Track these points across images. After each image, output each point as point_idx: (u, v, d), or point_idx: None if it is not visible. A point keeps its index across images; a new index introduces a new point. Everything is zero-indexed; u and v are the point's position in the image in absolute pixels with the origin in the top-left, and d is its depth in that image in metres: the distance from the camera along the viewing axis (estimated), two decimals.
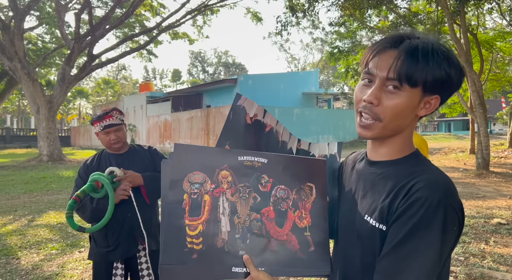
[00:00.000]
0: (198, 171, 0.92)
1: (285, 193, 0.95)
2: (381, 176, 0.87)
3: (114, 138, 2.18)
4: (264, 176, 0.95)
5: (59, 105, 15.48)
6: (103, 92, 46.37)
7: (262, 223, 0.92)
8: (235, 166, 0.94)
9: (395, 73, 0.79)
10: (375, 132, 0.84)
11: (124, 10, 15.70)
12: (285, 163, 0.97)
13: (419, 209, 0.74)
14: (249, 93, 20.73)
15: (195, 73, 62.38)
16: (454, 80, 0.80)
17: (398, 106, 0.80)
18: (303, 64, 56.16)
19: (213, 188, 0.92)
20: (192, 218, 0.89)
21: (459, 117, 31.52)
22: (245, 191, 0.93)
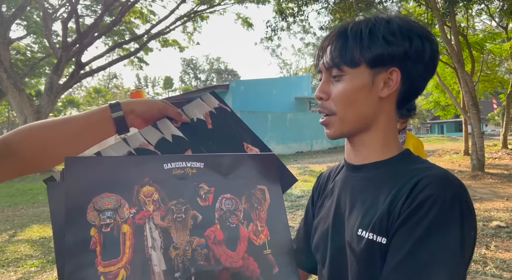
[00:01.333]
0: (107, 192, 0.67)
1: (233, 203, 0.75)
2: (370, 180, 0.74)
3: None
4: (202, 185, 0.73)
5: (47, 115, 15.20)
6: (94, 101, 46.02)
7: (209, 249, 0.70)
8: (162, 177, 0.71)
9: (329, 60, 0.73)
10: (336, 129, 0.75)
11: (114, 18, 15.53)
12: (225, 165, 0.77)
13: (430, 209, 0.61)
14: (242, 99, 20.61)
15: (187, 81, 62.31)
16: (409, 48, 0.70)
17: (346, 92, 0.72)
18: (296, 69, 56.39)
19: (134, 213, 0.67)
20: (108, 262, 0.63)
21: (451, 119, 31.73)
22: (180, 209, 0.70)
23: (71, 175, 0.66)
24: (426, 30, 0.73)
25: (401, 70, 0.71)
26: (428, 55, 0.71)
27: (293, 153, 19.40)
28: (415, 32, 0.71)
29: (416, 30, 0.72)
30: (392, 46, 0.70)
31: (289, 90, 23.17)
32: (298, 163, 15.04)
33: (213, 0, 17.80)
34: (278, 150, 18.44)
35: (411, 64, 0.71)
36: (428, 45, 0.71)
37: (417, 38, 0.71)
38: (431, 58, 0.72)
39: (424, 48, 0.71)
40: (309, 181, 10.07)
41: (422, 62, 0.71)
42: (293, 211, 6.58)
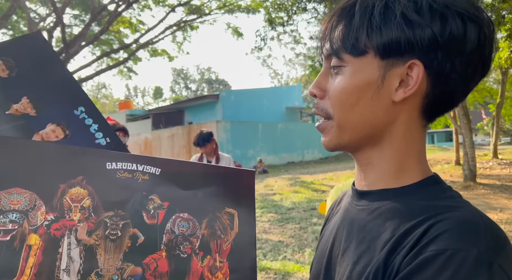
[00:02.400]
0: (19, 187, 0.50)
1: (189, 226, 0.58)
2: (374, 215, 0.55)
3: None
4: (153, 198, 0.57)
5: None
6: None
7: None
8: (100, 179, 0.54)
9: (329, 45, 0.54)
10: (332, 137, 0.57)
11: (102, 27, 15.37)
12: (191, 174, 0.59)
13: (440, 272, 0.41)
14: (232, 109, 20.47)
15: (178, 90, 62.19)
16: (441, 33, 0.49)
17: (345, 89, 0.53)
18: (286, 79, 56.66)
19: (51, 220, 0.51)
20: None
21: (442, 129, 31.99)
22: (117, 225, 0.54)
23: None
24: (474, 6, 0.51)
25: (425, 64, 0.50)
26: (473, 43, 0.50)
27: (284, 163, 19.21)
28: (455, 8, 0.50)
29: (457, 4, 0.50)
30: (414, 29, 0.49)
31: (280, 100, 23.12)
32: (289, 173, 14.84)
33: (202, 10, 17.76)
34: (269, 160, 18.25)
35: (442, 56, 0.50)
36: (475, 28, 0.50)
37: (456, 18, 0.49)
38: (479, 48, 0.51)
39: (466, 33, 0.50)
40: (300, 192, 9.86)
41: (463, 54, 0.50)
42: (282, 224, 6.35)
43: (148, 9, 18.11)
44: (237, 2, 17.34)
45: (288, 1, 11.08)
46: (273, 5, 11.60)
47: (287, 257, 4.57)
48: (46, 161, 0.53)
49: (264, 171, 15.90)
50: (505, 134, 37.53)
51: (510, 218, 6.03)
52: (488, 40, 0.51)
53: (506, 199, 7.99)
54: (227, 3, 17.50)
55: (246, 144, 17.99)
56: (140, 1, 16.94)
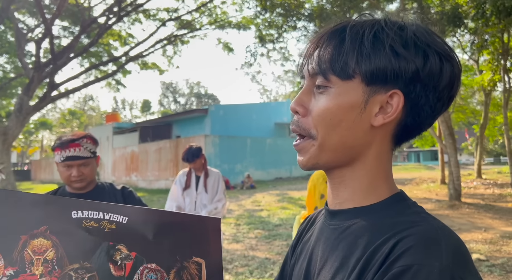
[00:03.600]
0: None
1: (157, 277, 0.56)
2: (346, 233, 0.57)
3: (76, 175, 1.70)
4: (120, 248, 0.55)
5: (15, 138, 14.52)
6: (68, 124, 44.88)
7: None
8: (65, 229, 0.52)
9: (316, 64, 0.56)
10: (311, 157, 0.58)
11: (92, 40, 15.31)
12: (158, 223, 0.57)
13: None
14: (221, 123, 20.46)
15: (167, 104, 62.04)
16: (422, 67, 0.53)
17: (330, 109, 0.55)
18: (275, 95, 57.16)
19: (10, 275, 0.48)
20: None
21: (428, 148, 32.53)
22: (82, 278, 0.51)
23: None
24: (449, 47, 0.56)
25: (405, 94, 0.54)
26: (446, 80, 0.55)
27: (272, 178, 19.16)
28: (435, 47, 0.54)
29: (436, 44, 0.55)
30: (400, 61, 0.53)
31: (268, 115, 23.23)
32: (277, 189, 14.78)
33: (193, 25, 17.90)
34: (257, 175, 18.19)
35: (420, 89, 0.54)
36: (449, 67, 0.55)
37: (435, 56, 0.54)
38: (449, 85, 0.56)
39: (442, 70, 0.54)
40: (287, 208, 9.80)
41: (437, 88, 0.55)
42: (270, 241, 6.26)
43: (138, 23, 18.18)
44: (228, 19, 17.56)
45: (279, 19, 11.27)
46: (263, 23, 11.78)
47: (274, 274, 4.49)
48: (6, 209, 0.50)
49: (252, 186, 15.80)
50: (489, 154, 38.32)
51: (494, 238, 6.08)
52: (457, 79, 0.56)
53: (490, 218, 8.08)
54: (218, 19, 17.70)
55: (234, 158, 17.92)
56: (131, 15, 17.01)
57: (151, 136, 22.30)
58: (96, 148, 1.80)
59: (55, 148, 1.74)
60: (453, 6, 9.62)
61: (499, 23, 9.08)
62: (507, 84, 11.36)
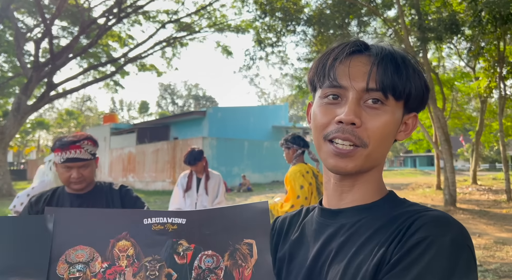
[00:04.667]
0: (82, 244, 0.67)
1: (214, 260, 0.69)
2: (356, 227, 0.64)
3: (75, 177, 1.70)
4: (182, 242, 0.69)
5: (12, 137, 14.49)
6: (65, 124, 44.71)
7: None
8: (139, 232, 0.69)
9: (377, 83, 0.62)
10: (358, 163, 0.63)
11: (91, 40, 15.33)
12: (210, 219, 0.71)
13: (424, 254, 0.52)
14: (219, 125, 20.48)
15: (164, 106, 61.98)
16: (426, 96, 0.67)
17: (387, 126, 0.63)
18: (273, 98, 57.25)
19: (106, 267, 0.66)
20: None
21: (424, 153, 32.67)
22: (154, 267, 0.67)
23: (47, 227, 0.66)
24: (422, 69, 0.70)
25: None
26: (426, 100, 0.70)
27: (269, 181, 19.18)
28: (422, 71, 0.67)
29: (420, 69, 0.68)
30: (425, 92, 0.66)
31: (266, 118, 23.28)
32: (273, 192, 14.80)
33: (192, 28, 17.97)
34: (254, 178, 18.20)
35: (419, 110, 0.69)
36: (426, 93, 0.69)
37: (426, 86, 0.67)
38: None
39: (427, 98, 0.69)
40: None
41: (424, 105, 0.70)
42: None
43: (138, 24, 18.23)
44: (227, 22, 17.63)
45: (278, 23, 11.35)
46: (262, 26, 11.85)
47: None
48: (101, 223, 0.69)
49: (248, 189, 15.82)
50: (484, 160, 38.52)
51: (488, 243, 6.13)
52: None
53: (484, 224, 8.14)
54: (217, 22, 17.77)
55: (231, 161, 17.94)
56: (130, 16, 17.05)
57: (149, 137, 22.28)
58: (96, 149, 1.80)
59: (55, 149, 1.72)
60: (450, 14, 9.73)
61: (495, 31, 9.19)
62: (503, 91, 11.46)
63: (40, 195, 1.82)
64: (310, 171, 3.03)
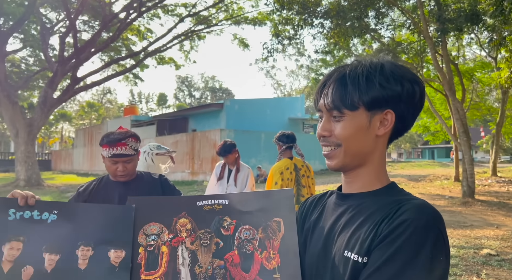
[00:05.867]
0: (154, 221, 0.91)
1: (250, 233, 0.91)
2: (359, 208, 0.83)
3: (121, 170, 1.90)
4: (226, 218, 0.92)
5: (39, 129, 15.07)
6: (87, 116, 45.73)
7: (226, 269, 0.88)
8: (194, 212, 0.92)
9: (330, 103, 0.81)
10: (339, 161, 0.83)
11: (111, 34, 15.69)
12: (247, 201, 0.93)
13: (404, 231, 0.70)
14: (236, 117, 20.69)
15: (182, 98, 62.52)
16: (401, 92, 0.80)
17: (347, 129, 0.81)
18: (289, 90, 57.00)
19: (171, 237, 0.90)
20: (148, 272, 0.87)
21: (442, 145, 32.15)
22: (206, 237, 0.90)
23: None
24: (414, 74, 0.83)
25: (394, 111, 0.81)
26: (417, 96, 0.82)
27: None
28: (406, 77, 0.81)
29: (406, 75, 0.82)
30: (387, 91, 0.80)
31: (282, 110, 23.35)
32: None
33: (210, 21, 18.12)
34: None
35: (403, 106, 0.81)
36: (418, 88, 0.82)
37: (408, 83, 0.81)
38: (420, 99, 0.83)
39: (414, 91, 0.81)
40: None
41: (413, 103, 0.82)
42: None
43: (157, 18, 18.50)
44: (244, 14, 17.71)
45: (295, 16, 11.39)
46: (280, 19, 11.90)
47: None
48: (166, 205, 0.94)
49: (265, 179, 16.04)
50: (505, 152, 37.60)
51: (506, 235, 6.18)
52: (424, 93, 0.83)
53: (503, 216, 8.13)
54: (234, 15, 17.88)
55: (248, 152, 18.16)
56: (150, 10, 17.31)
57: (168, 129, 22.67)
58: (139, 145, 1.99)
59: (104, 145, 1.92)
60: (471, 3, 9.59)
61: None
62: None
63: (87, 185, 2.03)
64: (291, 166, 3.53)
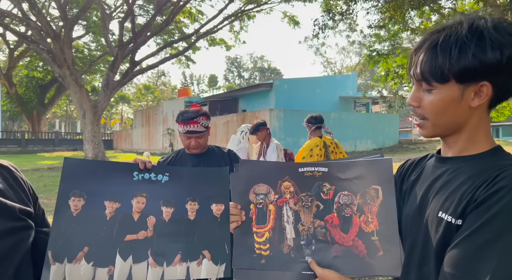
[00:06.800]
0: (262, 183, 1.01)
1: (349, 198, 0.97)
2: (457, 172, 0.81)
3: (194, 145, 2.19)
4: (325, 184, 0.99)
5: (103, 110, 16.20)
6: (143, 98, 48.03)
7: (327, 229, 0.96)
8: (296, 176, 1.01)
9: (419, 75, 0.79)
10: (428, 131, 0.84)
11: (165, 17, 16.23)
12: (346, 169, 0.99)
13: (502, 198, 0.68)
14: (285, 97, 20.68)
15: (231, 79, 63.24)
16: (500, 61, 0.72)
17: (436, 104, 0.79)
18: (340, 67, 55.38)
19: (277, 198, 1.00)
20: (259, 226, 0.98)
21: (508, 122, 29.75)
22: (307, 199, 0.99)
23: (242, 170, 1.04)
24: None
25: (492, 83, 0.75)
26: None
27: None
28: (507, 43, 0.73)
29: (509, 40, 0.73)
30: (482, 63, 0.73)
31: (333, 89, 22.88)
32: None
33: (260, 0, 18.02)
34: None
35: (503, 76, 0.74)
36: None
37: (509, 48, 0.72)
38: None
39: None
40: None
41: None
42: None
43: None
44: None
45: None
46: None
47: None
48: (271, 169, 1.03)
49: None
50: None
51: None
52: None
53: None
54: None
55: (298, 132, 18.16)
56: None
57: (219, 110, 23.22)
58: (209, 122, 2.24)
59: (179, 122, 2.20)
60: None
61: None
62: None
63: (166, 157, 2.35)
64: (320, 143, 3.98)
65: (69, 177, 1.01)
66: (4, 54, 26.58)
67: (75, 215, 0.98)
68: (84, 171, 1.03)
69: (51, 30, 14.95)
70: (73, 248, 0.95)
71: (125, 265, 0.97)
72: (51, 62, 14.91)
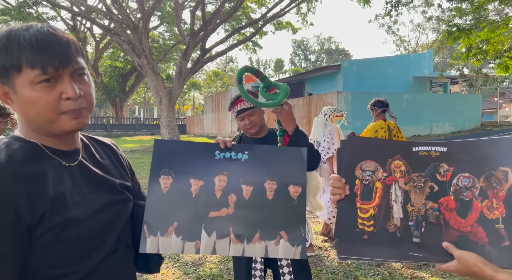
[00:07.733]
0: (370, 159, 0.98)
1: (470, 181, 0.89)
2: None
3: (248, 124, 2.10)
4: (443, 165, 0.93)
5: (177, 97, 17.17)
6: (213, 84, 49.71)
7: (440, 212, 0.90)
8: (409, 156, 0.96)
9: None
10: None
11: (232, 4, 16.55)
12: (469, 149, 0.91)
13: None
14: (354, 79, 20.04)
15: (297, 62, 62.45)
16: None
17: None
18: (415, 46, 51.68)
19: (385, 176, 0.96)
20: (364, 202, 0.95)
21: None
22: (420, 180, 0.93)
23: (350, 146, 1.01)
24: None
25: None
26: None
27: (409, 136, 18.19)
28: None
29: None
30: None
31: (407, 69, 21.60)
32: None
33: None
34: None
35: None
36: None
37: None
38: None
39: None
40: None
41: None
42: None
43: None
44: None
45: None
46: None
47: None
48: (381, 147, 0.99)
49: None
50: None
51: None
52: None
53: None
54: None
55: (367, 115, 17.45)
56: None
57: None
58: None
59: (230, 108, 2.15)
60: None
61: None
62: None
63: None
64: (385, 126, 4.18)
65: (159, 156, 1.05)
66: (91, 46, 29.21)
67: (165, 192, 1.03)
68: (171, 150, 1.07)
69: (131, 22, 16.10)
70: (165, 222, 1.00)
71: (209, 240, 1.00)
72: (131, 52, 16.11)
